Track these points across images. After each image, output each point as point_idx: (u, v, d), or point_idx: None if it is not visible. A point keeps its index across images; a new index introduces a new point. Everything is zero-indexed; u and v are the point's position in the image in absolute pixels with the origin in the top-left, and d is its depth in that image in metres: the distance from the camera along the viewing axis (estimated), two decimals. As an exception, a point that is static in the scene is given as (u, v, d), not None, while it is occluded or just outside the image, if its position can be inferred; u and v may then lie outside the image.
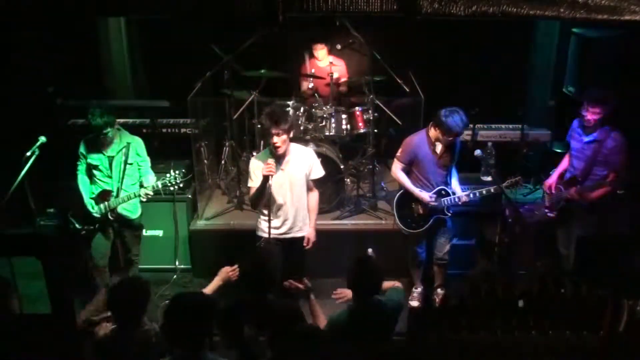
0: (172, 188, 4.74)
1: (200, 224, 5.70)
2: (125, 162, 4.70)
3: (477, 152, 4.72)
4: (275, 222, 4.39)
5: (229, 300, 3.45)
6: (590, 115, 4.45)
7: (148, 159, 4.91)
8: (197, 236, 5.65)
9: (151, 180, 4.85)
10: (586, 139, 4.58)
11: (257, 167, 4.29)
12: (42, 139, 4.64)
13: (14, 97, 5.49)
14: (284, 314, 3.38)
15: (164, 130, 6.10)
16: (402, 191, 4.90)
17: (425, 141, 4.70)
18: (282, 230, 4.42)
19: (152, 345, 3.11)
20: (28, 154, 4.53)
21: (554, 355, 2.47)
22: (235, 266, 3.59)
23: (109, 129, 4.55)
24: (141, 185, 4.85)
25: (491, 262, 5.45)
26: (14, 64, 5.51)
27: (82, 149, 4.75)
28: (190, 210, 5.74)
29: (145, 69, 6.92)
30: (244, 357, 3.29)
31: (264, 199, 4.27)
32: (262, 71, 5.82)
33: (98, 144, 4.68)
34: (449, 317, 2.48)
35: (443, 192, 4.75)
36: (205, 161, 6.26)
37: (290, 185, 4.34)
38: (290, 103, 5.84)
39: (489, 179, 5.17)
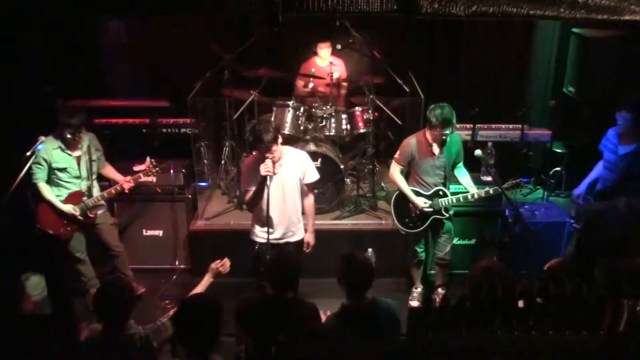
0: (151, 177, 4.89)
1: (200, 224, 5.70)
2: (91, 160, 4.77)
3: (477, 152, 4.71)
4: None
5: (249, 295, 3.46)
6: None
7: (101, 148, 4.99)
8: (197, 236, 5.65)
9: (110, 170, 4.97)
10: (621, 151, 4.33)
11: (251, 169, 4.25)
12: (42, 139, 4.64)
13: (14, 96, 5.48)
14: (302, 312, 3.38)
15: (164, 130, 6.11)
16: (399, 191, 4.90)
17: (423, 142, 4.69)
18: (276, 235, 4.33)
19: (137, 349, 3.07)
20: (28, 154, 4.53)
21: (554, 355, 2.46)
22: (225, 259, 3.60)
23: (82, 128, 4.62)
24: (103, 177, 4.95)
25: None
26: (14, 63, 5.50)
27: (43, 155, 4.58)
28: (190, 210, 5.75)
29: (145, 68, 6.92)
30: (256, 353, 3.28)
31: (261, 201, 4.21)
32: (262, 71, 5.82)
33: (65, 146, 4.65)
34: (449, 317, 2.47)
35: (440, 192, 4.75)
36: (205, 161, 6.26)
37: (284, 188, 4.26)
38: (290, 103, 5.84)
39: (489, 179, 5.16)
